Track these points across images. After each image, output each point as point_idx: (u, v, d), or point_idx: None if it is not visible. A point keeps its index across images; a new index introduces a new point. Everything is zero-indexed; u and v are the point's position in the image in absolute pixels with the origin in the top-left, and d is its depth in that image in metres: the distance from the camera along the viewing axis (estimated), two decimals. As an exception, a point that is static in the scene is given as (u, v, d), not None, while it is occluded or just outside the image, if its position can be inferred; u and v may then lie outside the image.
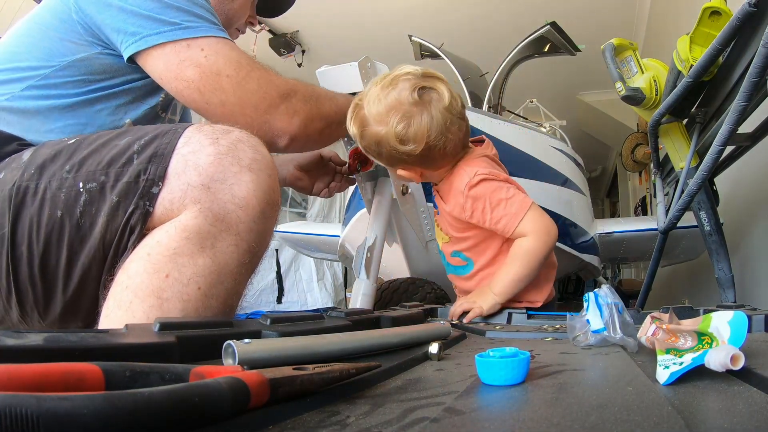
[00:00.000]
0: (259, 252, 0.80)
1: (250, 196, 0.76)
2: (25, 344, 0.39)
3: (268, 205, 0.79)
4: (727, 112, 1.26)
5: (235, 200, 0.75)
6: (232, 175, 0.75)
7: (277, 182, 0.81)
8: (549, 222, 1.12)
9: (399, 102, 1.06)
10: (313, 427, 0.34)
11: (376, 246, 1.50)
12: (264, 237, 0.80)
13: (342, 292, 5.86)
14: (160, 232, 0.73)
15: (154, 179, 0.74)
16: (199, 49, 0.93)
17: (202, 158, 0.74)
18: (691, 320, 0.55)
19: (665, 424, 0.33)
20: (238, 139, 0.78)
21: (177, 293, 0.71)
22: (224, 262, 0.74)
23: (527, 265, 1.11)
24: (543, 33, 3.46)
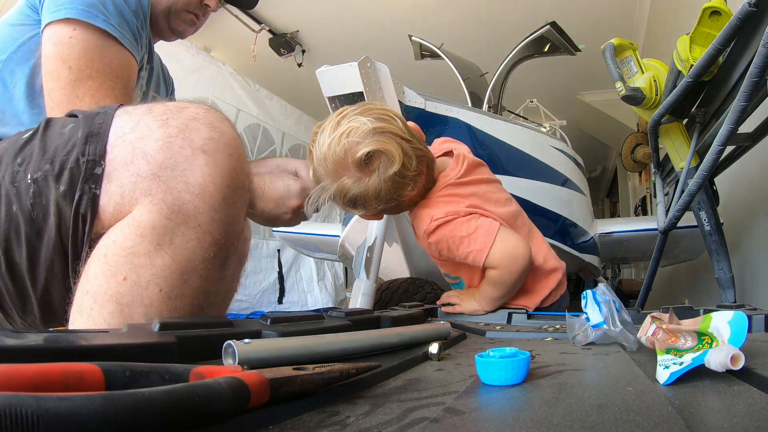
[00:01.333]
0: (226, 243, 0.72)
1: (207, 181, 0.68)
2: (25, 344, 0.39)
3: (231, 189, 0.70)
4: (727, 112, 1.26)
5: (190, 188, 0.67)
6: (184, 159, 0.67)
7: (241, 162, 0.73)
8: (515, 246, 1.09)
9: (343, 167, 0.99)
10: (313, 427, 0.34)
11: (376, 246, 1.50)
12: (231, 226, 0.72)
13: (343, 292, 5.86)
14: (115, 230, 0.67)
15: (95, 159, 0.67)
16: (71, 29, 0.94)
17: (150, 144, 0.67)
18: (691, 320, 0.55)
19: (665, 424, 0.33)
20: (191, 117, 0.69)
21: (137, 297, 0.66)
22: (186, 259, 0.68)
23: (501, 290, 1.12)
24: (543, 33, 3.47)
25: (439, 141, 1.30)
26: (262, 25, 4.89)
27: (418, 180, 1.08)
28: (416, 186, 1.08)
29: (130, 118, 0.70)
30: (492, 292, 1.12)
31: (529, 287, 1.19)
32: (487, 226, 1.09)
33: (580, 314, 0.74)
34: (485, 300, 1.13)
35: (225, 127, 0.72)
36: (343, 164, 0.99)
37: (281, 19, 4.91)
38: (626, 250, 3.52)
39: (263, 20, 4.89)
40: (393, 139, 1.00)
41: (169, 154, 0.67)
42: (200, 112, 0.71)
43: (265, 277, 5.07)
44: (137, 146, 0.67)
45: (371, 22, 4.89)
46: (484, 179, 1.20)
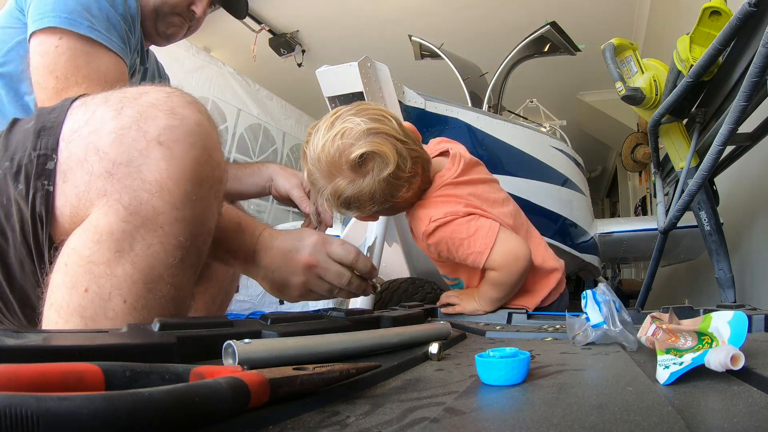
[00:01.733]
0: (195, 244, 0.65)
1: (164, 177, 0.60)
2: (25, 344, 0.39)
3: (194, 183, 0.62)
4: (727, 112, 1.26)
5: (146, 186, 0.60)
6: (139, 153, 0.59)
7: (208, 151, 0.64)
8: (516, 247, 1.08)
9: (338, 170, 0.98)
10: (313, 427, 0.34)
11: (376, 246, 1.50)
12: (198, 225, 0.65)
13: (343, 292, 5.85)
14: (74, 236, 0.61)
15: (47, 153, 0.61)
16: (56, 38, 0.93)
17: (102, 138, 0.60)
18: (691, 320, 0.55)
19: (665, 424, 0.33)
20: (149, 103, 0.62)
21: (100, 310, 0.60)
22: (149, 266, 0.61)
23: (501, 291, 1.12)
24: (543, 33, 3.47)
25: (435, 141, 1.29)
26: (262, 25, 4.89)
27: (413, 181, 1.07)
28: (411, 187, 1.08)
29: (86, 109, 0.64)
30: (492, 293, 1.13)
31: (529, 287, 1.19)
32: (488, 227, 1.08)
33: (580, 314, 0.74)
34: (485, 300, 1.14)
35: (188, 112, 0.64)
36: (337, 165, 0.98)
37: (281, 19, 4.92)
38: (626, 250, 3.52)
39: (263, 20, 4.89)
40: (388, 140, 0.99)
41: (122, 148, 0.59)
42: (160, 97, 0.63)
43: (269, 278, 5.05)
44: (90, 141, 0.60)
45: (371, 22, 4.89)
46: (481, 179, 1.19)
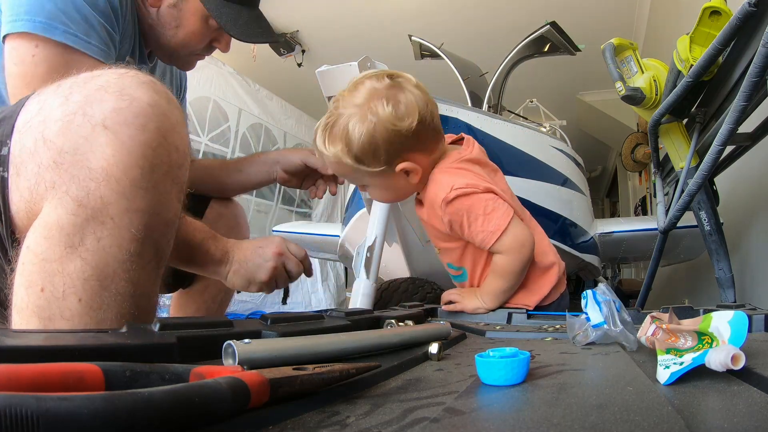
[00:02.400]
0: (151, 236, 0.61)
1: (110, 164, 0.56)
2: (25, 344, 0.39)
3: (145, 169, 0.59)
4: (727, 111, 1.26)
5: (93, 175, 0.56)
6: (84, 140, 0.56)
7: (161, 134, 0.61)
8: (525, 236, 1.10)
9: (376, 90, 1.03)
10: (313, 427, 0.34)
11: (376, 246, 1.50)
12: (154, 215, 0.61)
13: (344, 292, 5.87)
14: (29, 234, 0.59)
15: (2, 140, 0.59)
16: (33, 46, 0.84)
17: (49, 126, 0.57)
18: (691, 320, 0.55)
19: (665, 424, 0.33)
20: (99, 86, 0.59)
21: (56, 310, 0.58)
22: (102, 261, 0.58)
23: (506, 280, 1.12)
24: (543, 33, 3.47)
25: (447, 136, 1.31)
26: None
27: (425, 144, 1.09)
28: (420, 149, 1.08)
29: (38, 99, 0.61)
30: (496, 284, 1.12)
31: (529, 284, 1.19)
32: (504, 210, 1.09)
33: (580, 314, 0.74)
34: (489, 295, 1.13)
35: (140, 93, 0.60)
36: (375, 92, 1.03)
37: (281, 19, 4.92)
38: (626, 250, 3.52)
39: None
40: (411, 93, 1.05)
41: (68, 135, 0.56)
42: (111, 79, 0.59)
43: (271, 278, 5.05)
44: (39, 131, 0.58)
45: (371, 22, 4.89)
46: (494, 167, 1.22)
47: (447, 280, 1.96)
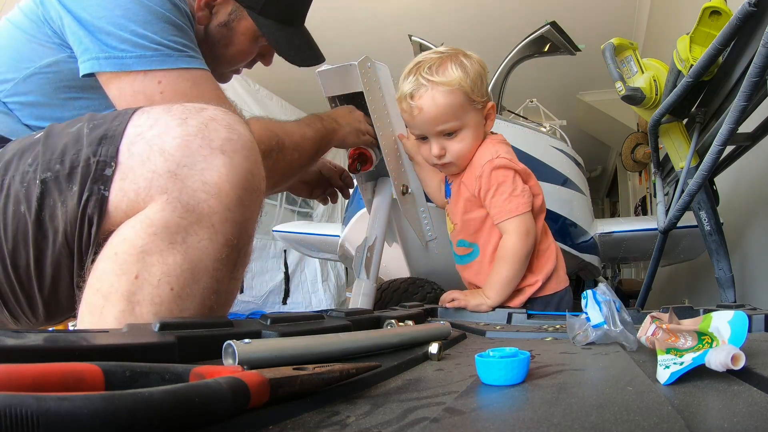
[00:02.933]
0: (239, 245, 0.72)
1: (223, 181, 0.68)
2: (25, 344, 0.39)
3: (246, 191, 0.71)
4: (727, 111, 1.26)
5: (206, 188, 0.67)
6: (202, 159, 0.67)
7: (258, 165, 0.74)
8: (531, 227, 1.21)
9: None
10: (313, 427, 0.34)
11: (376, 246, 1.50)
12: (244, 227, 0.72)
13: (344, 292, 5.87)
14: (126, 227, 0.66)
15: (106, 160, 0.67)
16: (155, 82, 0.84)
17: (167, 141, 0.67)
18: (691, 320, 0.55)
19: (665, 424, 0.33)
20: (210, 117, 0.70)
21: (148, 296, 0.65)
22: (198, 258, 0.67)
23: (510, 266, 1.18)
24: (543, 33, 3.46)
25: None
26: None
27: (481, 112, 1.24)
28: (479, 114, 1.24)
29: (148, 116, 0.70)
30: (500, 272, 1.18)
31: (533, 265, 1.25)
32: (527, 198, 1.21)
33: (580, 314, 0.74)
34: (493, 288, 1.17)
35: (242, 129, 0.73)
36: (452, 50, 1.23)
37: (281, 19, 4.91)
38: (626, 250, 3.52)
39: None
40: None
41: (187, 152, 0.67)
42: (219, 114, 0.71)
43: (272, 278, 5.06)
44: (154, 143, 0.67)
45: (371, 22, 4.89)
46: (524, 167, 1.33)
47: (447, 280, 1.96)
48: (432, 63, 1.18)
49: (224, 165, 0.68)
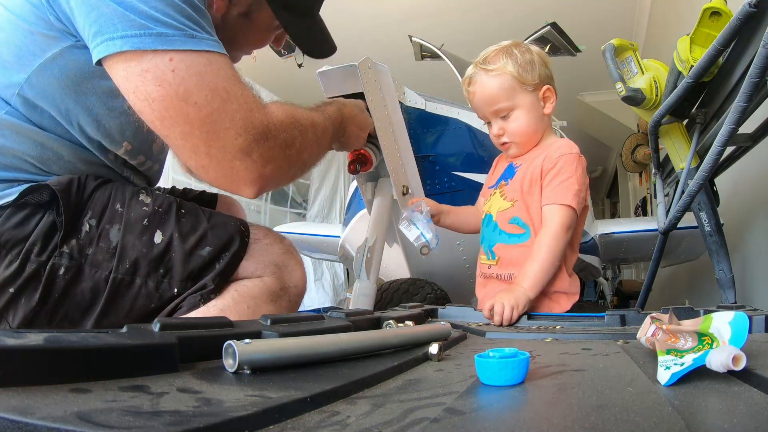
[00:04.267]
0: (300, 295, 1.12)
1: (300, 280, 1.08)
2: (26, 344, 0.39)
3: (305, 290, 1.12)
4: (727, 112, 1.26)
5: (292, 280, 1.06)
6: (293, 265, 1.07)
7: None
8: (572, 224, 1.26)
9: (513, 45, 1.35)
10: (313, 427, 0.35)
11: (377, 246, 1.50)
12: (298, 306, 1.11)
13: (343, 292, 5.87)
14: (246, 281, 1.00)
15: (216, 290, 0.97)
16: (166, 60, 0.79)
17: (276, 248, 1.05)
18: (691, 321, 0.55)
19: (665, 424, 0.33)
20: (289, 244, 1.10)
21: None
22: (280, 310, 1.04)
23: (550, 255, 1.21)
24: (543, 33, 3.46)
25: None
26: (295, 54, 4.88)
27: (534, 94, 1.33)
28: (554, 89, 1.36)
29: (259, 229, 1.06)
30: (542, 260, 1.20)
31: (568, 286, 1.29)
32: (580, 198, 1.26)
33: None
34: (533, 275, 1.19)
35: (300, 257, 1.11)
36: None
37: (281, 19, 4.91)
38: (626, 250, 3.52)
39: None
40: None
41: (286, 258, 1.06)
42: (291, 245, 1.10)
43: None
44: (268, 247, 1.04)
45: (371, 22, 4.89)
46: None
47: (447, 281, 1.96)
48: (487, 54, 1.34)
49: (301, 270, 1.09)
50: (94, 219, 0.91)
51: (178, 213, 0.97)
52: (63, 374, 0.38)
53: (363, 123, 1.29)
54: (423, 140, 1.88)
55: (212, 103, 0.81)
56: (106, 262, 0.90)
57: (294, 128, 0.93)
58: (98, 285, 0.90)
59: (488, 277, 1.35)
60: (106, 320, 0.91)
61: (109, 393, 0.36)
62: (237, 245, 1.00)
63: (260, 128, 0.85)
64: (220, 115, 0.82)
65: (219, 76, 0.83)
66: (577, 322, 0.98)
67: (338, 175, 6.07)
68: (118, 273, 0.90)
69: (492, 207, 1.39)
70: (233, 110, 0.83)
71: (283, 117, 0.91)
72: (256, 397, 0.38)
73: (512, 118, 1.34)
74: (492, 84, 1.32)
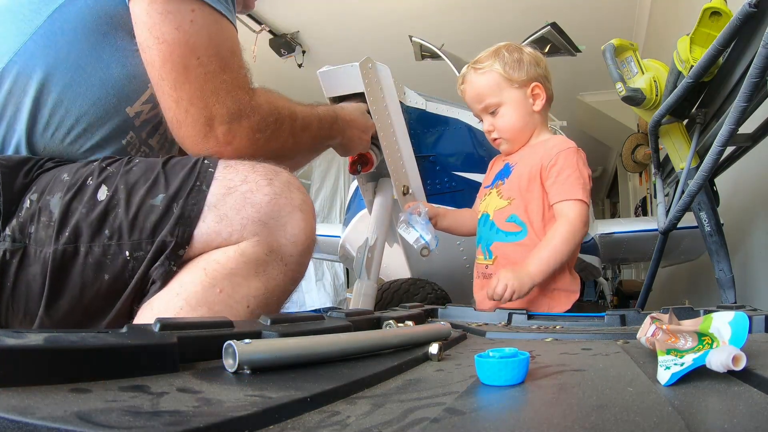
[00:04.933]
0: (298, 281, 0.89)
1: (300, 233, 0.85)
2: (26, 344, 0.39)
3: (312, 241, 0.88)
4: (727, 112, 1.26)
5: (287, 236, 0.83)
6: (286, 214, 0.83)
7: (315, 221, 0.91)
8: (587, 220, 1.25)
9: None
10: (313, 427, 0.35)
11: (377, 246, 1.50)
12: (305, 269, 0.90)
13: (343, 292, 5.86)
14: (218, 253, 0.80)
15: (182, 243, 0.79)
16: (189, 9, 0.82)
17: (259, 197, 0.81)
18: (691, 321, 0.55)
19: (665, 424, 0.33)
20: (288, 181, 0.86)
21: (227, 308, 0.77)
22: (273, 287, 0.83)
23: (563, 246, 1.21)
24: (543, 34, 3.46)
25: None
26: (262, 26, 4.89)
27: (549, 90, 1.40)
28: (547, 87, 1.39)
29: (237, 173, 0.83)
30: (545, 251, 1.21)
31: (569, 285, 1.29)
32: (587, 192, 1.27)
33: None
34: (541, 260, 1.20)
35: (307, 194, 0.89)
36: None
37: (281, 19, 4.91)
38: (626, 250, 3.52)
39: (263, 21, 4.89)
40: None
41: (276, 208, 0.82)
42: (292, 179, 0.87)
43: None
44: (248, 197, 0.81)
45: (371, 22, 4.89)
46: None
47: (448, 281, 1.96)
48: (480, 55, 1.39)
49: (302, 220, 0.84)
50: (36, 194, 0.80)
51: (128, 164, 0.83)
52: (63, 374, 0.38)
53: (364, 125, 1.28)
54: (423, 140, 1.88)
55: (212, 64, 0.84)
56: (49, 237, 0.78)
57: (270, 115, 0.93)
58: (46, 265, 0.78)
59: (486, 277, 1.36)
60: (60, 302, 0.78)
61: (109, 393, 0.36)
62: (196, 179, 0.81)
63: (239, 106, 0.87)
64: (213, 78, 0.84)
65: (226, 45, 0.87)
66: (577, 322, 0.98)
67: (338, 175, 6.08)
68: (58, 244, 0.77)
69: (489, 206, 1.39)
70: (224, 79, 0.85)
71: (262, 102, 0.92)
72: (256, 397, 0.38)
73: (500, 114, 1.38)
74: (480, 81, 1.37)
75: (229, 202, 0.81)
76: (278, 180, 0.84)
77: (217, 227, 0.80)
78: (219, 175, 0.82)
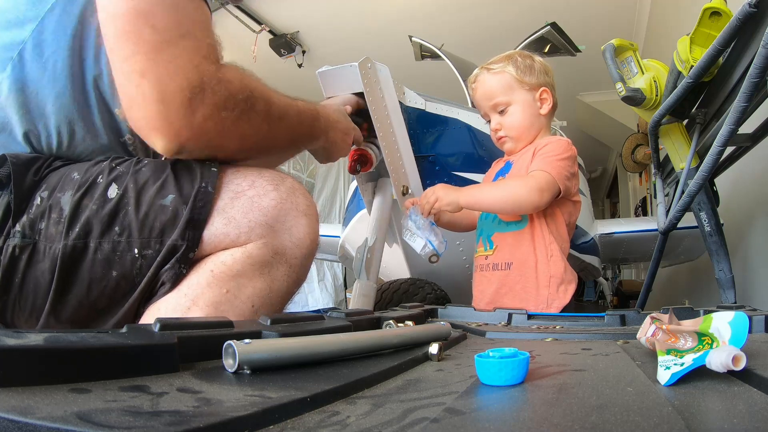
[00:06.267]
0: (301, 283, 0.92)
1: (305, 237, 0.88)
2: (25, 344, 0.39)
3: (315, 244, 0.91)
4: (727, 112, 1.26)
5: (292, 239, 0.86)
6: (292, 218, 0.86)
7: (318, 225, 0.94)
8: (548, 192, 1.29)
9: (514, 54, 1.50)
10: (313, 427, 0.34)
11: (377, 246, 1.50)
12: (308, 271, 0.93)
13: (342, 292, 5.86)
14: (225, 254, 0.82)
15: (192, 246, 0.80)
16: None
17: (265, 201, 0.84)
18: (691, 321, 0.55)
19: (665, 424, 0.33)
20: (292, 186, 0.89)
21: (233, 307, 0.80)
22: (277, 288, 0.85)
23: (505, 195, 1.32)
24: (543, 33, 3.46)
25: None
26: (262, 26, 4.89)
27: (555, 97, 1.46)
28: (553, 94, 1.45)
29: (244, 177, 0.85)
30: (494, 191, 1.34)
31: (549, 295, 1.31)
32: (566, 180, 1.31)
33: None
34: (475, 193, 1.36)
35: (311, 199, 0.91)
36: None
37: (281, 19, 4.92)
38: (626, 250, 3.52)
39: (263, 21, 4.89)
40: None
41: (282, 212, 0.85)
42: (296, 184, 0.90)
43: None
44: (255, 201, 0.84)
45: (371, 22, 4.89)
46: None
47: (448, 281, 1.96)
48: (493, 59, 1.47)
49: (307, 225, 0.88)
50: (47, 191, 0.80)
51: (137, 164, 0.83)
52: (63, 374, 0.38)
53: (346, 128, 1.22)
54: (423, 140, 1.88)
55: (168, 32, 0.75)
56: (59, 233, 0.77)
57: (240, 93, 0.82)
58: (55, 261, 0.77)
59: (484, 270, 1.39)
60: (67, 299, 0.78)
61: (109, 393, 0.36)
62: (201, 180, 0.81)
63: (201, 77, 0.77)
64: (170, 46, 0.75)
65: (189, 15, 0.79)
66: (577, 322, 0.98)
67: (338, 175, 6.08)
68: (68, 239, 0.76)
69: None
70: (184, 46, 0.76)
71: (231, 77, 0.82)
72: (256, 397, 0.38)
73: (509, 112, 1.43)
74: (492, 81, 1.43)
75: (236, 205, 0.83)
76: (284, 185, 0.87)
77: (225, 230, 0.82)
78: (227, 179, 0.84)
